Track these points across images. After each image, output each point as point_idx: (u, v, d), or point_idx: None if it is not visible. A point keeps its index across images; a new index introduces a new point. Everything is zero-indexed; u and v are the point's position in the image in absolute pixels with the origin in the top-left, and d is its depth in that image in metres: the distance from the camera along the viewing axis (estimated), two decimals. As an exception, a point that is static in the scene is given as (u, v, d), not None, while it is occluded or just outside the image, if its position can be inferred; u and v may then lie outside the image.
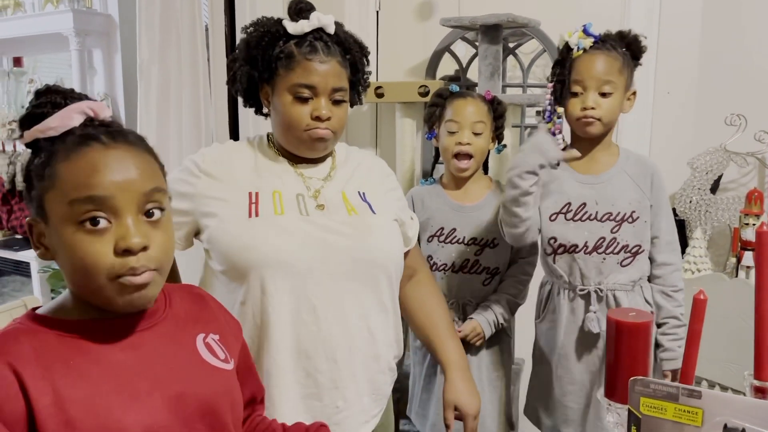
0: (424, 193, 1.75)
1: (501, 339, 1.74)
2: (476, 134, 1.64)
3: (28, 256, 3.29)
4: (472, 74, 2.31)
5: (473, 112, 1.63)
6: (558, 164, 1.46)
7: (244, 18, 2.46)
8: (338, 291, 1.13)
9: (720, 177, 2.07)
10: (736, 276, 1.92)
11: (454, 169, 1.67)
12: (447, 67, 2.39)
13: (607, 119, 1.44)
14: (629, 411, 0.86)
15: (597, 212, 1.47)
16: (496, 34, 2.00)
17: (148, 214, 0.75)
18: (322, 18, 1.15)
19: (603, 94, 1.42)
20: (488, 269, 1.69)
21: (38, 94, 0.77)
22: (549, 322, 1.58)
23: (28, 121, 0.76)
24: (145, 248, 0.73)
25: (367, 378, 1.18)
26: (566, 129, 1.53)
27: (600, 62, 1.42)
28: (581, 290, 1.50)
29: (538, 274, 1.66)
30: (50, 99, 0.76)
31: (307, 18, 1.14)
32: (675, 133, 1.94)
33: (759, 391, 0.89)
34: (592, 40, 1.43)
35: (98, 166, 0.72)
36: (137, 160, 0.76)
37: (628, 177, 1.48)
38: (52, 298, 3.17)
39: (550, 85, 1.50)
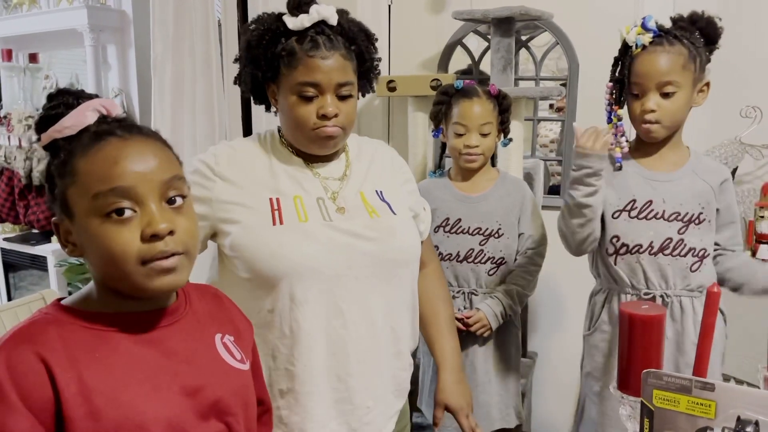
0: (431, 186, 1.76)
1: (509, 331, 1.74)
2: (484, 135, 1.65)
3: (45, 250, 3.33)
4: (485, 67, 2.31)
5: (480, 114, 1.64)
6: (621, 167, 1.41)
7: (257, 12, 2.45)
8: (364, 293, 1.13)
9: (735, 169, 2.05)
10: (752, 269, 1.90)
11: (464, 167, 1.70)
12: (459, 60, 2.38)
13: (669, 121, 1.35)
14: (642, 403, 0.86)
15: (664, 211, 1.39)
16: (509, 27, 1.99)
17: (170, 201, 0.77)
18: (322, 10, 1.11)
19: (665, 95, 1.33)
20: (493, 259, 1.70)
21: (51, 97, 0.79)
22: (602, 333, 1.49)
23: (43, 123, 0.77)
24: (171, 233, 0.75)
25: (391, 375, 1.20)
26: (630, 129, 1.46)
27: (660, 61, 1.32)
28: (646, 294, 1.41)
29: (587, 282, 1.59)
30: (62, 100, 0.78)
31: (307, 12, 1.10)
32: (690, 126, 1.90)
33: (773, 384, 0.89)
34: (651, 35, 1.33)
35: (118, 158, 0.74)
36: (154, 150, 0.78)
37: (698, 178, 1.39)
38: (69, 292, 3.23)
39: (609, 84, 1.42)
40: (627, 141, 1.44)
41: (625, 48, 1.37)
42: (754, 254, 1.90)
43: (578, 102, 2.24)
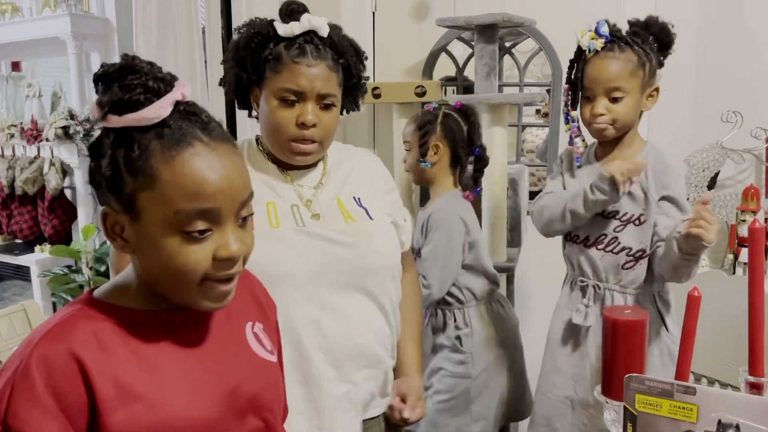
0: None
1: (506, 326, 1.77)
2: (408, 151, 1.82)
3: (29, 260, 3.30)
4: (470, 73, 2.32)
5: (406, 133, 1.82)
6: (580, 166, 1.47)
7: (240, 20, 2.45)
8: (340, 300, 1.13)
9: (717, 174, 2.08)
10: (734, 273, 1.92)
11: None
12: (444, 67, 2.39)
13: (620, 123, 1.39)
14: (625, 408, 0.87)
15: (604, 210, 1.43)
16: (492, 34, 2.00)
17: (241, 219, 0.75)
18: (313, 20, 1.11)
19: (613, 99, 1.37)
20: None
21: (125, 72, 0.69)
22: (559, 311, 1.57)
23: (117, 106, 0.68)
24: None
25: (370, 377, 1.18)
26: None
27: (609, 67, 1.36)
28: (581, 282, 1.49)
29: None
30: (142, 82, 0.69)
31: (298, 20, 1.11)
32: (672, 131, 1.95)
33: (754, 387, 0.90)
34: (604, 40, 1.37)
35: (206, 175, 0.69)
36: (237, 164, 0.74)
37: (642, 178, 1.41)
38: (53, 303, 3.13)
39: (565, 86, 1.47)
40: (583, 141, 1.50)
41: (579, 52, 1.42)
42: (736, 258, 1.92)
43: (562, 107, 2.25)
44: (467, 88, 2.30)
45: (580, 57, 1.41)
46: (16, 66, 3.70)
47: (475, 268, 1.74)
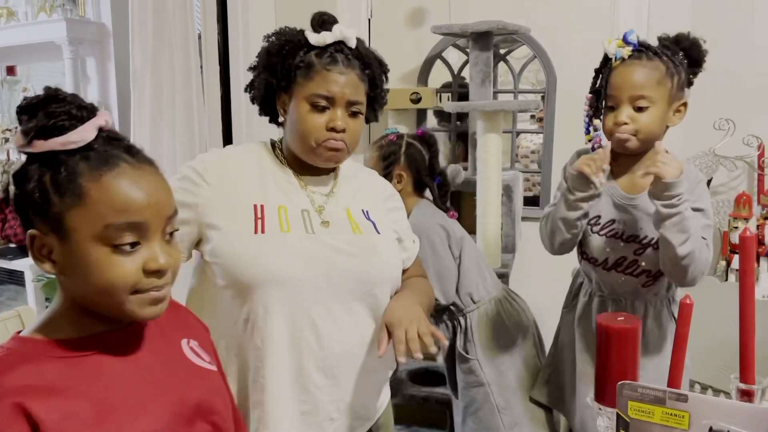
0: None
1: (514, 323, 1.77)
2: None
3: (23, 265, 3.29)
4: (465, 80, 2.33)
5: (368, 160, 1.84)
6: (599, 194, 1.38)
7: (236, 26, 2.47)
8: (340, 309, 1.13)
9: (710, 181, 2.09)
10: (726, 279, 1.93)
11: None
12: (439, 73, 2.40)
13: (644, 134, 1.32)
14: (618, 415, 0.87)
15: (624, 232, 1.41)
16: (487, 41, 2.02)
17: (168, 234, 0.79)
18: (344, 31, 1.15)
19: (638, 109, 1.31)
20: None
21: (50, 102, 0.73)
22: (571, 316, 1.56)
23: (43, 132, 0.72)
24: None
25: (365, 389, 1.19)
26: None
27: (635, 74, 1.31)
28: (600, 296, 1.48)
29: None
30: (67, 109, 0.73)
31: (330, 30, 1.14)
32: (665, 138, 1.95)
33: (745, 394, 0.90)
34: (631, 48, 1.33)
35: (134, 191, 0.74)
36: (162, 183, 0.78)
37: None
38: (47, 307, 3.12)
39: (588, 96, 1.41)
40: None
41: (606, 60, 1.38)
42: (728, 265, 1.94)
43: (556, 114, 2.27)
44: (462, 95, 2.32)
45: (606, 65, 1.37)
46: (11, 70, 3.70)
47: (470, 268, 1.74)
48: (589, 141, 1.44)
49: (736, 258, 1.89)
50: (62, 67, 3.34)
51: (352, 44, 1.16)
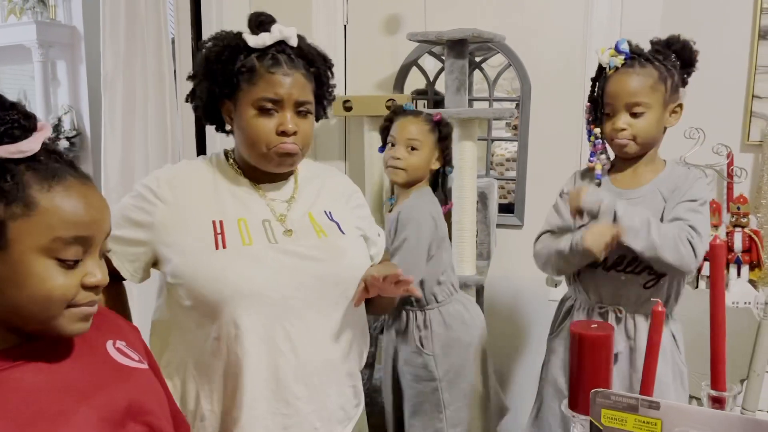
0: (385, 208, 1.84)
1: (470, 330, 1.76)
2: (411, 149, 1.71)
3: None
4: (441, 87, 2.34)
5: (410, 130, 1.72)
6: (600, 183, 1.45)
7: (211, 30, 2.44)
8: (313, 316, 1.12)
9: (681, 189, 2.12)
10: (697, 287, 1.96)
11: (389, 175, 1.78)
12: (415, 80, 2.41)
13: (642, 138, 1.38)
14: (591, 423, 0.87)
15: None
16: (462, 49, 2.02)
17: (103, 253, 0.80)
18: (284, 30, 1.11)
19: (634, 115, 1.37)
20: None
21: (3, 108, 0.73)
22: (563, 339, 1.53)
23: None
24: None
25: (341, 393, 1.18)
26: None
27: (629, 82, 1.36)
28: (600, 308, 1.45)
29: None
30: (15, 118, 0.73)
31: (269, 30, 1.11)
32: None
33: (716, 401, 0.91)
34: (624, 57, 1.37)
35: (83, 205, 0.75)
36: (103, 200, 0.79)
37: (660, 197, 1.40)
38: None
39: (587, 104, 1.46)
40: (608, 159, 1.48)
41: (600, 69, 1.42)
42: (699, 272, 1.96)
43: (531, 122, 2.29)
44: (437, 102, 2.32)
45: (601, 74, 1.41)
46: (-22, 73, 3.62)
47: (437, 268, 1.73)
48: (591, 148, 1.47)
49: (706, 265, 1.92)
50: (32, 70, 3.28)
51: (294, 43, 1.13)
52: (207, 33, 2.43)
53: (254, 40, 1.10)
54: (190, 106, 1.22)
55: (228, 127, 1.19)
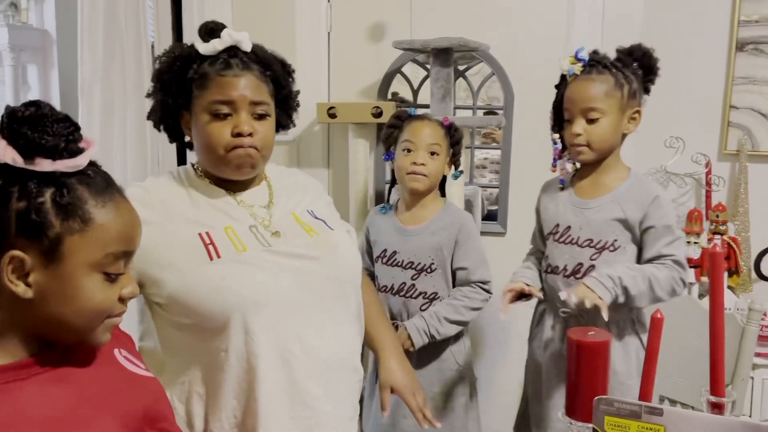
0: (376, 216, 1.78)
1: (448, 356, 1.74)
2: (432, 154, 1.65)
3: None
4: (424, 95, 2.35)
5: (430, 134, 1.66)
6: (563, 188, 1.49)
7: (192, 36, 2.41)
8: (318, 314, 1.11)
9: (660, 197, 2.16)
10: (679, 293, 1.99)
11: (408, 188, 1.69)
12: (398, 88, 2.41)
13: (597, 145, 1.41)
14: (594, 430, 0.88)
15: (579, 237, 1.45)
16: (448, 57, 2.03)
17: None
18: (234, 34, 1.10)
19: (590, 120, 1.40)
20: (425, 294, 1.68)
21: (49, 119, 0.71)
22: (538, 343, 1.57)
23: (49, 150, 0.70)
24: None
25: (351, 389, 1.18)
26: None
27: (585, 88, 1.40)
28: (563, 312, 1.49)
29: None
30: (71, 130, 0.72)
31: (219, 36, 1.10)
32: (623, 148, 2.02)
33: (715, 407, 0.92)
34: (581, 64, 1.41)
35: (131, 221, 0.77)
36: (137, 213, 0.81)
37: (618, 207, 1.43)
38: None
39: (551, 111, 1.50)
40: (573, 165, 1.51)
41: (563, 77, 1.46)
42: (681, 278, 2.00)
43: (513, 130, 2.30)
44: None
45: (563, 82, 1.45)
46: (-54, 77, 3.51)
47: None
48: (553, 153, 1.51)
49: (689, 272, 1.96)
50: (2, 74, 3.20)
51: (247, 47, 1.12)
52: (188, 38, 2.40)
53: (204, 47, 1.10)
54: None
55: (188, 139, 1.17)
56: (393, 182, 1.84)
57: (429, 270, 1.68)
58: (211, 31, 1.10)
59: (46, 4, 3.39)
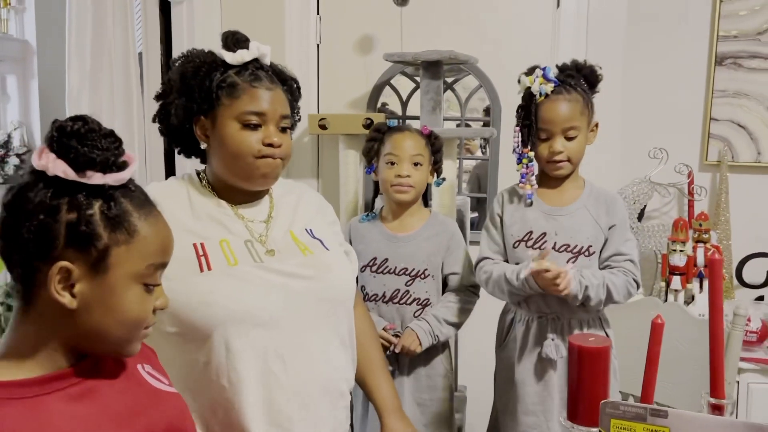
0: (360, 225, 1.79)
1: (435, 362, 1.75)
2: (415, 165, 1.68)
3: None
4: (413, 107, 2.38)
5: (412, 146, 1.68)
6: (531, 203, 1.53)
7: (181, 46, 2.41)
8: (304, 335, 1.11)
9: (645, 207, 2.22)
10: (666, 300, 2.04)
11: (394, 200, 1.71)
12: (388, 100, 2.43)
13: (575, 159, 1.50)
14: (600, 433, 0.90)
15: (555, 243, 1.50)
16: (437, 70, 2.06)
17: None
18: (261, 47, 1.13)
19: (569, 138, 1.47)
20: (418, 300, 1.70)
21: (98, 134, 0.73)
22: (510, 350, 1.60)
23: (101, 164, 0.72)
24: None
25: (333, 415, 1.16)
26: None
27: (563, 108, 1.46)
28: (539, 317, 1.53)
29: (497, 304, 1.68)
30: (117, 145, 0.74)
31: (246, 48, 1.12)
32: (604, 166, 2.07)
33: (716, 409, 0.95)
34: (553, 84, 1.47)
35: (167, 232, 0.79)
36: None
37: (588, 213, 1.51)
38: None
39: (516, 129, 1.54)
40: (535, 182, 1.56)
41: (530, 96, 1.49)
42: (668, 286, 2.05)
43: (501, 142, 2.34)
44: (404, 122, 2.35)
45: (531, 101, 1.49)
46: None
47: None
48: (520, 170, 1.54)
49: (675, 279, 2.01)
50: (-20, 85, 3.14)
51: (268, 61, 1.15)
52: (177, 49, 2.39)
53: (232, 57, 1.11)
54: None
55: (203, 146, 1.16)
56: (376, 192, 1.85)
57: (423, 276, 1.69)
58: (237, 41, 1.12)
59: (26, 14, 3.34)
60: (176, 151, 1.22)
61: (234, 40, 1.12)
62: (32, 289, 0.72)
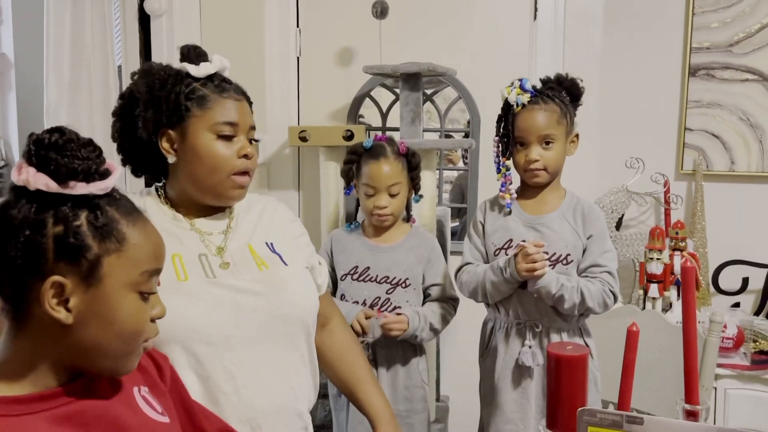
0: (342, 234, 1.79)
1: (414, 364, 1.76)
2: (393, 195, 1.69)
3: None
4: (392, 118, 2.39)
5: (389, 175, 1.67)
6: (510, 212, 1.55)
7: (160, 59, 2.40)
8: (256, 354, 1.07)
9: (622, 216, 2.25)
10: (644, 308, 2.07)
11: (375, 224, 1.74)
12: (367, 112, 2.45)
13: (552, 168, 1.52)
14: (577, 441, 0.90)
15: None
16: (417, 82, 2.08)
17: None
18: (223, 60, 1.13)
19: (545, 146, 1.50)
20: (399, 308, 1.71)
21: (76, 143, 0.71)
22: (491, 359, 1.61)
23: (83, 173, 0.70)
24: None
25: None
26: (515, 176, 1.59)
27: (539, 117, 1.49)
28: (518, 324, 1.55)
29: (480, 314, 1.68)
30: (96, 154, 0.73)
31: (208, 60, 1.12)
32: (581, 175, 2.09)
33: (691, 415, 0.96)
34: (529, 95, 1.50)
35: (157, 238, 0.78)
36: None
37: (567, 222, 1.54)
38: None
39: (496, 139, 1.57)
40: (514, 192, 1.59)
41: (507, 107, 1.53)
42: (645, 293, 2.07)
43: (480, 152, 2.36)
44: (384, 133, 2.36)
45: (509, 111, 1.52)
46: None
47: None
48: (500, 179, 1.58)
49: (652, 287, 2.03)
50: (-43, 98, 3.10)
51: (228, 74, 1.15)
52: (157, 61, 2.39)
53: (197, 69, 1.11)
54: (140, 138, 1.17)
55: (171, 159, 1.12)
56: (358, 203, 1.85)
57: (404, 285, 1.70)
58: (198, 54, 1.12)
59: (3, 28, 3.32)
60: (128, 169, 1.19)
61: (196, 54, 1.12)
62: (24, 308, 0.70)
